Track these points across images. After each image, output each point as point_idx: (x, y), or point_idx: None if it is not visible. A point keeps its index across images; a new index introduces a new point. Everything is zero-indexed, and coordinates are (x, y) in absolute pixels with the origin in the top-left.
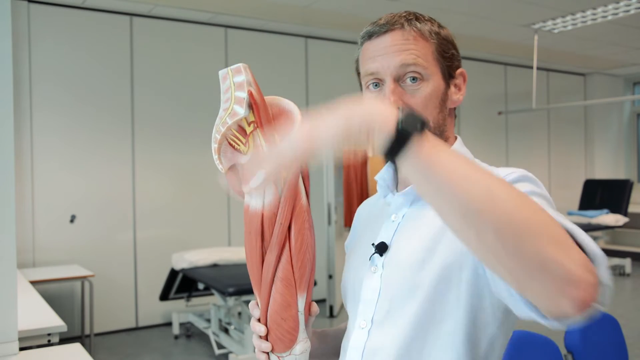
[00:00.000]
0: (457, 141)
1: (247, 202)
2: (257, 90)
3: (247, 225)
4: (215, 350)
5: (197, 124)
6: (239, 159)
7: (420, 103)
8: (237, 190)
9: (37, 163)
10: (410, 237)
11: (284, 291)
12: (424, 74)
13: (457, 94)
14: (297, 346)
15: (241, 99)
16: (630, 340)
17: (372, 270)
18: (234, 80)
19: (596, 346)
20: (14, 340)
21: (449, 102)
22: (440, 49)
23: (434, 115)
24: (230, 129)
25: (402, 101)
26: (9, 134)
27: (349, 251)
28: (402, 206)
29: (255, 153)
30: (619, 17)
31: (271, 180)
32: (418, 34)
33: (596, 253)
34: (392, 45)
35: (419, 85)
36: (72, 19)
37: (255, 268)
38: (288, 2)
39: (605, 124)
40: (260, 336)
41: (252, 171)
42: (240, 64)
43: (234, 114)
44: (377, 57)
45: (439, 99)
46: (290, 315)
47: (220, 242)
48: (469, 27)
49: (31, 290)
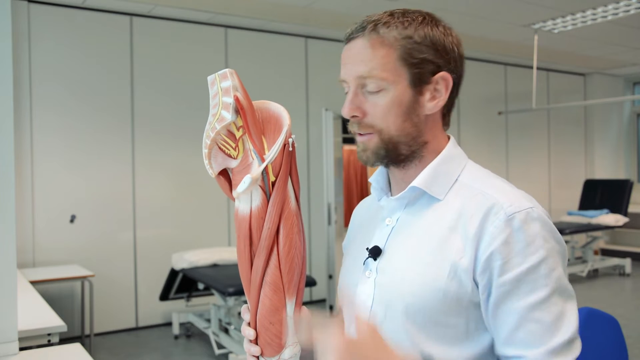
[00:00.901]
0: (450, 142)
1: (237, 206)
2: (244, 95)
3: (237, 229)
4: (215, 350)
5: (197, 123)
6: (229, 164)
7: (378, 112)
8: (228, 194)
9: (37, 163)
10: (404, 243)
11: (272, 295)
12: (382, 84)
13: (432, 100)
14: (285, 350)
15: (228, 104)
16: (630, 340)
17: (367, 275)
18: (221, 85)
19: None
20: (14, 340)
21: (422, 109)
22: (406, 55)
23: (397, 124)
24: (219, 134)
25: (360, 110)
26: (9, 134)
27: (345, 253)
28: (396, 210)
29: (245, 157)
30: (619, 17)
31: (257, 184)
32: (379, 41)
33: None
34: (356, 53)
35: (378, 94)
36: (72, 19)
37: (245, 272)
38: (288, 2)
39: (605, 124)
40: (250, 340)
41: (242, 176)
42: (227, 70)
43: (221, 119)
44: (346, 64)
45: (402, 107)
46: (278, 319)
47: (220, 242)
48: (469, 27)
49: (31, 290)
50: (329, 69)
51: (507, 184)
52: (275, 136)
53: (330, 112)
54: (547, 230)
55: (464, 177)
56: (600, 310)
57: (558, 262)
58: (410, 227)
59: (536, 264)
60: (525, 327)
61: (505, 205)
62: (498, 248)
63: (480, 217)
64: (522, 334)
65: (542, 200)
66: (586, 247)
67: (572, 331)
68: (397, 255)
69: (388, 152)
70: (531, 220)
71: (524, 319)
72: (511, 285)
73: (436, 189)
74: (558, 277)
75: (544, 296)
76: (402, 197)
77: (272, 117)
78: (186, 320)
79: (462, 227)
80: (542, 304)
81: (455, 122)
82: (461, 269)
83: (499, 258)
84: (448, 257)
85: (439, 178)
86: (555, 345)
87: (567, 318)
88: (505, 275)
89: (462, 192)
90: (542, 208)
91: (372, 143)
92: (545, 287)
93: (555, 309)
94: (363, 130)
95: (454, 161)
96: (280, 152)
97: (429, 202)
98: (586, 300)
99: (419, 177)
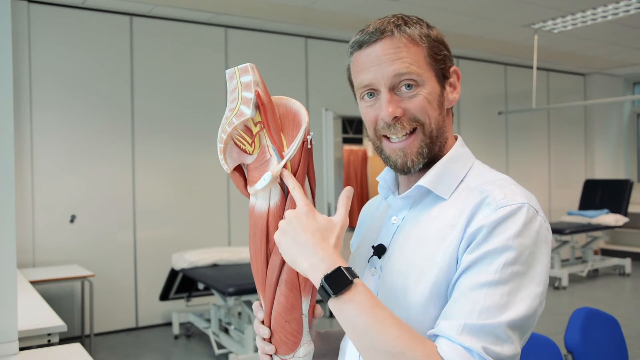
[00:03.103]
0: (458, 141)
1: (253, 203)
2: (264, 91)
3: (252, 226)
4: (215, 350)
5: (197, 123)
6: (244, 160)
7: (418, 108)
8: (242, 190)
9: (37, 163)
10: (408, 241)
11: (289, 294)
12: (418, 80)
13: (453, 93)
14: (300, 349)
15: (248, 99)
16: (630, 340)
17: (371, 272)
18: (241, 80)
19: (596, 346)
20: (14, 340)
21: (446, 103)
22: (432, 52)
23: (434, 117)
24: (236, 129)
25: (400, 108)
26: (9, 134)
27: (353, 251)
28: (403, 209)
29: (261, 154)
30: (619, 17)
31: (277, 182)
32: (408, 39)
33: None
34: (384, 54)
35: (414, 91)
36: (72, 19)
37: (260, 270)
38: (288, 2)
39: (605, 124)
40: (264, 338)
41: (258, 172)
42: (248, 64)
43: (240, 114)
44: (370, 67)
45: (436, 101)
46: (294, 318)
47: (220, 242)
48: (469, 27)
49: (31, 290)
50: (329, 69)
51: (509, 181)
52: (293, 133)
53: (330, 112)
54: (530, 228)
55: (469, 178)
56: (600, 310)
57: (526, 262)
58: (416, 225)
59: (498, 250)
60: (459, 302)
61: (499, 198)
62: (476, 231)
63: (473, 207)
64: (454, 307)
65: (542, 200)
66: (586, 247)
67: (503, 328)
68: (400, 253)
69: (430, 150)
70: (519, 214)
71: (462, 294)
72: (470, 262)
73: (441, 188)
74: (515, 274)
75: (490, 281)
76: (408, 196)
77: (289, 113)
78: (186, 320)
79: (459, 221)
80: (484, 287)
81: (455, 122)
82: (453, 260)
83: (474, 239)
84: (445, 252)
85: (445, 177)
86: (471, 324)
87: (506, 315)
88: (469, 255)
89: (466, 192)
90: (539, 207)
91: (414, 144)
92: (495, 274)
93: (496, 299)
94: (407, 128)
95: (461, 161)
96: (299, 149)
97: (435, 202)
98: (586, 300)
99: (425, 176)
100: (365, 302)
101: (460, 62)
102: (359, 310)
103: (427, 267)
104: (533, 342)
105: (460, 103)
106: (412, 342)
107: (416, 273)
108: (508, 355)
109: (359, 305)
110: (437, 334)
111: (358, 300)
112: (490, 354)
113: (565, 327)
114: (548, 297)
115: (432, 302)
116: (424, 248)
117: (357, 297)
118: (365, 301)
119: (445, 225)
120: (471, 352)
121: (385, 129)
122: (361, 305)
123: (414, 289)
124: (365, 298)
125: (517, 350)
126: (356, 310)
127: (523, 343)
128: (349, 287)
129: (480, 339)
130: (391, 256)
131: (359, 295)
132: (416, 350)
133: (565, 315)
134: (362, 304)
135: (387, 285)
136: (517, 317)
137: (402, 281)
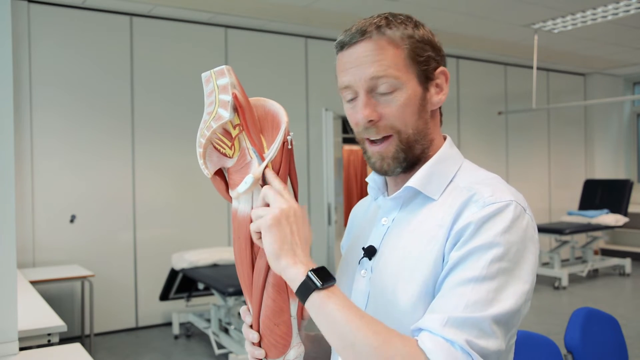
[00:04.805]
0: (447, 142)
1: (235, 207)
2: (241, 93)
3: (236, 230)
4: (215, 350)
5: (197, 124)
6: (225, 163)
7: (395, 112)
8: (224, 194)
9: (37, 163)
10: (398, 242)
11: (276, 297)
12: (396, 83)
13: (438, 94)
14: (290, 351)
15: (225, 102)
16: (630, 340)
17: (362, 274)
18: (217, 82)
19: (596, 346)
20: (14, 340)
21: (429, 105)
22: (413, 53)
23: (412, 121)
24: (215, 132)
25: (377, 112)
26: (9, 134)
27: (343, 252)
28: (392, 210)
29: (241, 156)
30: (619, 17)
31: (259, 184)
32: (388, 41)
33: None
34: (363, 56)
35: (392, 95)
36: (72, 19)
37: (246, 274)
38: (288, 2)
39: (605, 124)
40: (254, 343)
41: (239, 175)
42: (224, 66)
43: (218, 118)
44: (350, 69)
45: (416, 105)
46: (283, 320)
47: (220, 242)
48: (469, 27)
49: (31, 290)
50: (329, 69)
51: (497, 180)
52: (272, 134)
53: (330, 112)
54: (518, 225)
55: (458, 178)
56: (600, 310)
57: (513, 259)
58: (405, 226)
59: (485, 247)
60: (445, 297)
61: (486, 195)
62: (464, 228)
63: (460, 205)
64: (440, 302)
65: (542, 200)
66: (586, 247)
67: (488, 322)
68: (391, 255)
69: (406, 154)
70: (507, 211)
71: (449, 289)
72: (457, 259)
73: (431, 189)
74: (503, 270)
75: (477, 276)
76: (398, 197)
77: (268, 115)
78: (186, 320)
79: (446, 219)
80: (471, 282)
81: (455, 122)
82: (439, 258)
83: (461, 236)
84: (433, 250)
85: (434, 178)
86: (455, 316)
87: (492, 310)
88: (457, 251)
89: (455, 192)
90: (527, 205)
91: (390, 149)
92: (482, 269)
93: (483, 294)
94: (382, 134)
95: (449, 161)
96: (280, 150)
97: (424, 202)
98: (586, 300)
99: (414, 177)
100: (345, 299)
101: (460, 62)
102: (339, 305)
103: (417, 267)
104: (533, 342)
105: (460, 103)
106: (391, 334)
107: (406, 274)
108: (493, 350)
109: (340, 300)
110: (420, 327)
111: (339, 295)
112: (474, 348)
113: (565, 327)
114: (548, 297)
115: (422, 302)
116: (414, 249)
117: (338, 292)
118: (345, 299)
119: (434, 225)
120: (453, 345)
121: (363, 132)
122: (342, 300)
123: (404, 289)
124: (344, 296)
125: (502, 346)
126: (337, 305)
127: (507, 342)
128: (333, 283)
129: (464, 331)
130: (382, 257)
131: (339, 292)
132: (396, 342)
133: (565, 315)
134: (343, 300)
135: (378, 286)
136: (503, 312)
137: (392, 282)
